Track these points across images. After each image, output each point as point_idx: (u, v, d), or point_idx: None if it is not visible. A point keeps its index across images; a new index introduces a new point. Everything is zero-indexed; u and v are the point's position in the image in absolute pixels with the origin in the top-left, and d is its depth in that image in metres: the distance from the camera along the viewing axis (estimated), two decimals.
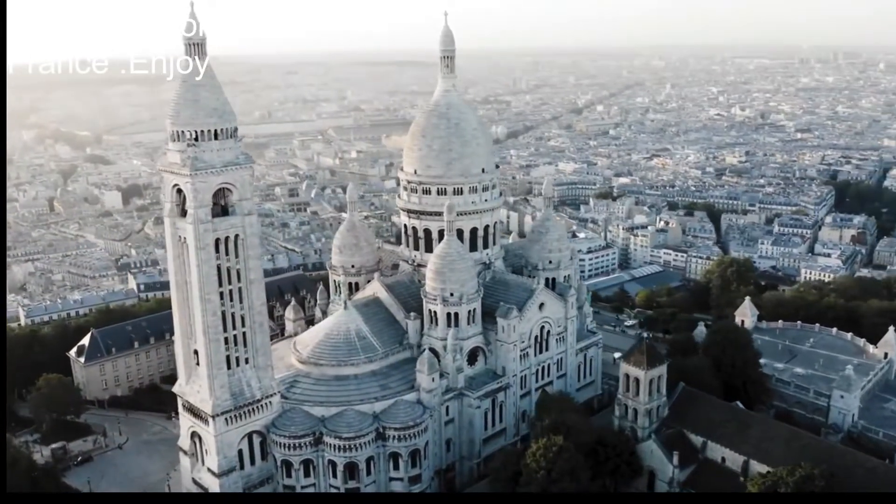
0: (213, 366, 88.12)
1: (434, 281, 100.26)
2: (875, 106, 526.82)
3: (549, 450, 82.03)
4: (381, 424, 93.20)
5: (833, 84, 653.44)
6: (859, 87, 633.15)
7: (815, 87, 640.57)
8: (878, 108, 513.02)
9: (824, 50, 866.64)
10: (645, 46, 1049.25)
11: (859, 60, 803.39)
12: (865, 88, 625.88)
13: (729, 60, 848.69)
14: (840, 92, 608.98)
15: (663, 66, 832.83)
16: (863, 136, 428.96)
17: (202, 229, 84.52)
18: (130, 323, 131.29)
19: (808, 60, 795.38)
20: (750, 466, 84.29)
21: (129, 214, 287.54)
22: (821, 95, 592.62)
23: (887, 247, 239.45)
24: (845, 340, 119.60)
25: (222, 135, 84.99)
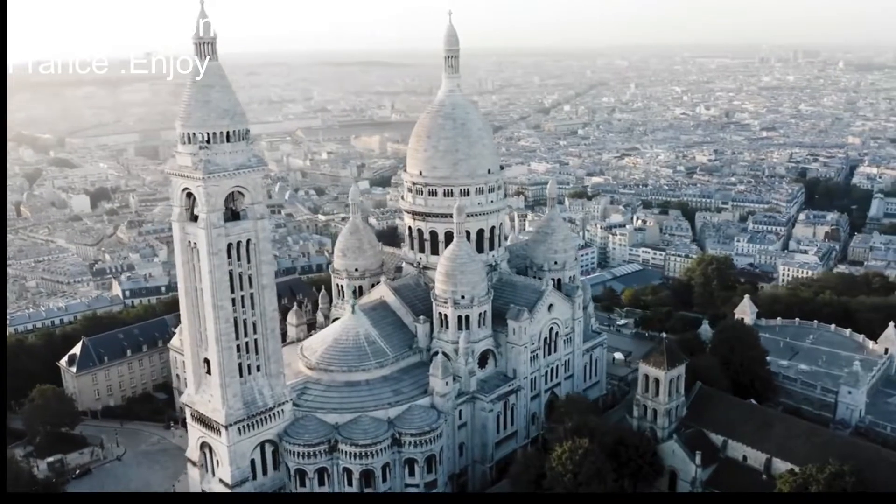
0: (225, 374, 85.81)
1: (444, 284, 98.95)
2: (837, 104, 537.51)
3: (574, 452, 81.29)
4: (396, 430, 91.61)
5: (794, 83, 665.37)
6: (820, 86, 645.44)
7: (776, 86, 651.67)
8: (840, 106, 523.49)
9: (784, 49, 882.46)
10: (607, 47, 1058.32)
11: (818, 59, 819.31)
12: (826, 87, 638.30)
13: (690, 60, 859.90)
14: (802, 90, 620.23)
15: (626, 65, 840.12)
16: (827, 133, 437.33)
17: (215, 234, 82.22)
18: (122, 330, 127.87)
19: (768, 60, 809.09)
20: (773, 464, 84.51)
21: (99, 218, 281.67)
22: (783, 94, 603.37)
23: (861, 243, 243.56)
24: (844, 337, 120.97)
25: (234, 137, 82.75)
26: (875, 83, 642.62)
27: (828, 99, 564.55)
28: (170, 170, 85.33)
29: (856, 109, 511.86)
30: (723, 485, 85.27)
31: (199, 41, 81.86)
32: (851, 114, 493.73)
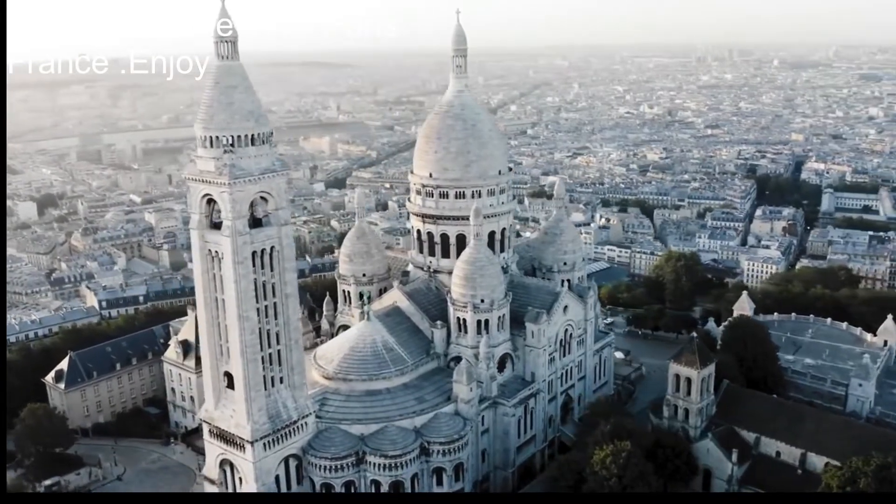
0: (250, 388, 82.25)
1: (463, 288, 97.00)
2: (776, 101, 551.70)
3: (618, 455, 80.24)
4: (424, 440, 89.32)
5: (732, 81, 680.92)
6: (757, 84, 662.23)
7: (715, 85, 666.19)
8: (780, 104, 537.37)
9: (719, 48, 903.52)
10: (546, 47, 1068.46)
11: (753, 58, 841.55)
12: (763, 85, 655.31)
13: (629, 60, 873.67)
14: (740, 89, 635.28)
15: (567, 65, 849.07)
16: (770, 130, 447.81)
17: (240, 242, 78.74)
18: (110, 344, 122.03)
19: (704, 59, 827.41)
20: (808, 459, 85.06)
21: (49, 226, 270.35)
22: (722, 92, 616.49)
23: (819, 237, 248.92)
24: (841, 330, 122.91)
25: (258, 140, 79.44)
26: (810, 80, 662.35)
27: (766, 97, 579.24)
28: (189, 175, 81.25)
29: (794, 107, 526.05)
30: (758, 481, 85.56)
31: (219, 40, 78.03)
32: (790, 111, 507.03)
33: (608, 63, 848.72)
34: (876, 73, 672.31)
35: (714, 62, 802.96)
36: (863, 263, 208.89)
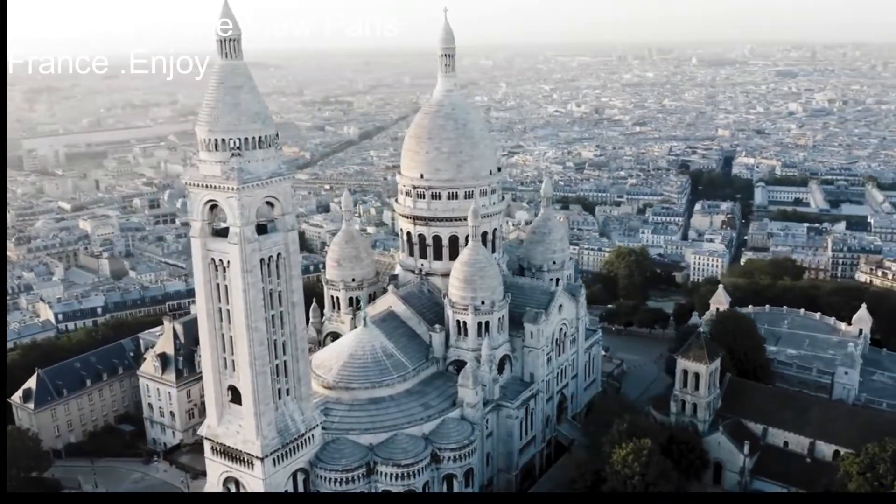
0: (259, 402, 78.76)
1: (463, 290, 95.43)
2: (698, 98, 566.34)
3: (639, 454, 79.96)
4: (435, 447, 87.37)
5: (654, 79, 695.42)
6: (678, 82, 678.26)
7: (638, 83, 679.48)
8: (702, 101, 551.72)
9: (639, 47, 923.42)
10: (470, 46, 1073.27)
11: (672, 56, 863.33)
12: (684, 82, 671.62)
13: (552, 59, 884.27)
14: (662, 86, 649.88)
15: (491, 65, 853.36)
16: (695, 127, 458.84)
17: (249, 249, 75.26)
18: (79, 359, 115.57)
19: (625, 57, 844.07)
20: (816, 447, 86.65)
21: None
22: (645, 90, 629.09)
23: (759, 230, 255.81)
24: (815, 320, 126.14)
25: (265, 142, 76.09)
26: (729, 77, 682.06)
27: (689, 94, 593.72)
28: (190, 180, 77.18)
29: (716, 103, 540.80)
30: (768, 471, 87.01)
31: (222, 39, 74.35)
32: (713, 107, 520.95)
33: (532, 62, 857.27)
34: (791, 70, 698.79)
35: (635, 61, 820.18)
36: (805, 254, 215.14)
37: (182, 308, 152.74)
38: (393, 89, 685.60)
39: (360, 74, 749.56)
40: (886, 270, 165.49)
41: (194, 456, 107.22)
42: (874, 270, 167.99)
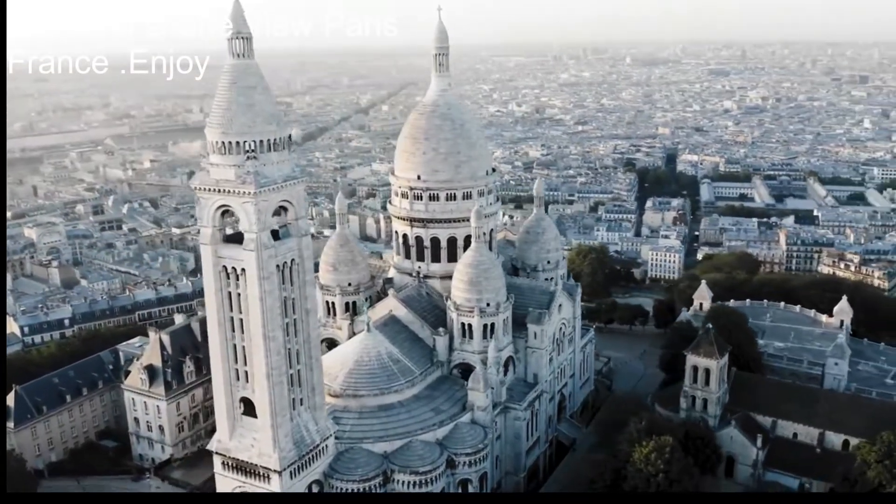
0: (276, 414, 76.21)
1: (468, 292, 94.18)
2: (635, 97, 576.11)
3: (662, 451, 79.96)
4: (450, 452, 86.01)
5: (591, 79, 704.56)
6: (614, 81, 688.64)
7: (575, 83, 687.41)
8: (639, 100, 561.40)
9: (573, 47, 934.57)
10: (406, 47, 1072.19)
11: (606, 56, 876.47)
12: (620, 82, 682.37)
13: (489, 59, 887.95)
14: (599, 86, 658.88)
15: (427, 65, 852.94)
16: (635, 125, 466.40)
17: (266, 256, 72.67)
18: (56, 374, 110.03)
19: (560, 57, 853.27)
20: (826, 438, 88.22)
21: None
22: (583, 90, 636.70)
23: (711, 226, 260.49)
24: (796, 313, 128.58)
25: (279, 145, 73.54)
26: (664, 77, 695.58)
27: (626, 93, 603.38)
28: (200, 185, 74.07)
29: (653, 102, 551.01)
30: (780, 463, 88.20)
31: (233, 37, 71.62)
32: (650, 106, 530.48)
33: (470, 62, 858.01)
34: (723, 69, 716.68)
35: (570, 61, 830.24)
36: (760, 248, 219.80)
37: (153, 317, 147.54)
38: (332, 90, 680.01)
39: (296, 75, 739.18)
40: (849, 263, 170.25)
41: (186, 470, 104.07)
42: (836, 263, 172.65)
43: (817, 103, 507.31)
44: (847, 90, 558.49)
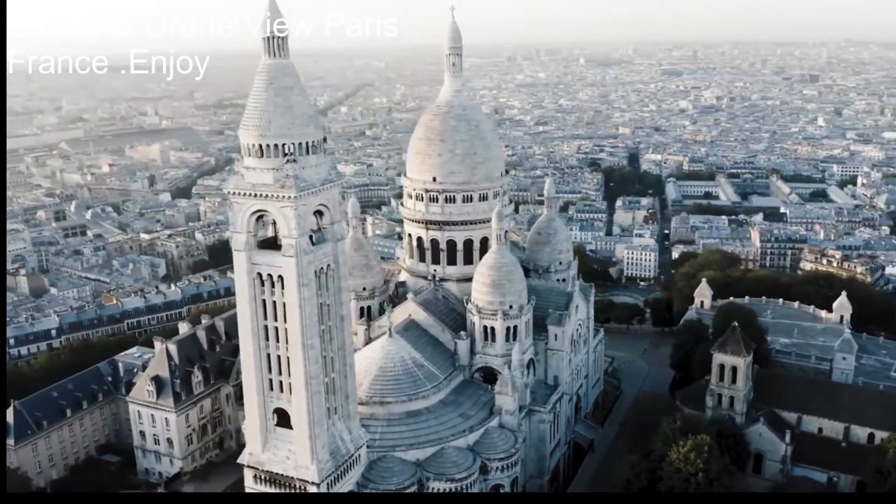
0: (314, 424, 74.02)
1: (491, 295, 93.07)
2: (592, 98, 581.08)
3: (700, 450, 79.81)
4: (483, 458, 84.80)
5: (546, 79, 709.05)
6: (570, 82, 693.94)
7: (531, 83, 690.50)
8: (596, 100, 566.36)
9: (527, 48, 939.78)
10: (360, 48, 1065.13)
11: (560, 57, 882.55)
12: (576, 82, 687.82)
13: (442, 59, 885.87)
14: (555, 86, 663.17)
15: (384, 66, 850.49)
16: (595, 125, 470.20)
17: (306, 262, 70.53)
18: (55, 388, 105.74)
19: (514, 58, 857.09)
20: (851, 432, 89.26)
21: None
22: (540, 90, 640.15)
23: (682, 223, 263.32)
24: (796, 310, 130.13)
25: (316, 147, 71.55)
26: (618, 77, 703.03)
27: (582, 94, 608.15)
28: (235, 189, 71.47)
29: (610, 102, 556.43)
30: (807, 458, 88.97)
31: (269, 36, 69.39)
32: (608, 106, 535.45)
33: (423, 63, 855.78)
34: (676, 69, 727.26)
35: (525, 61, 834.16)
36: (734, 246, 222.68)
37: (142, 326, 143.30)
38: None
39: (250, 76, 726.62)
40: (831, 259, 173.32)
41: (198, 484, 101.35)
42: (819, 259, 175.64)
43: (770, 102, 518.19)
44: (798, 89, 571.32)
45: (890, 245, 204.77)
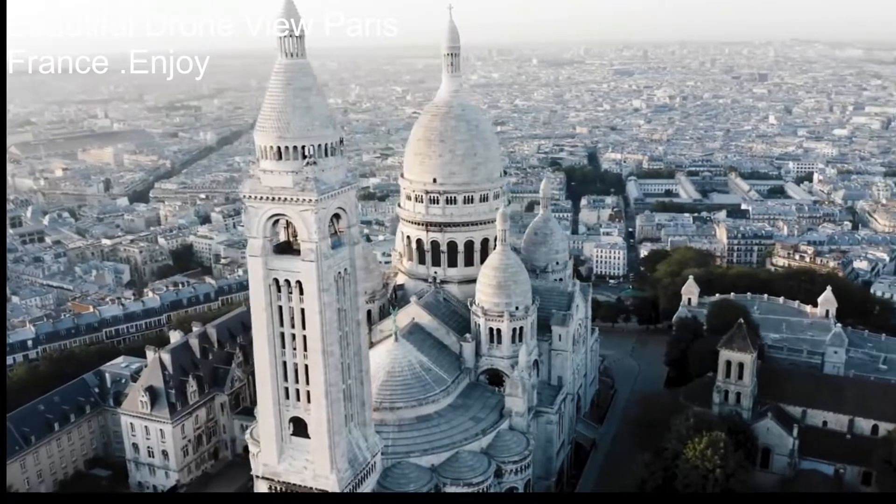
0: (333, 433, 72.32)
1: (496, 296, 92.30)
2: (547, 98, 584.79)
3: (717, 446, 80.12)
4: (497, 461, 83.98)
5: (500, 80, 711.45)
6: (524, 82, 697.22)
7: (486, 83, 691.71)
8: (551, 100, 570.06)
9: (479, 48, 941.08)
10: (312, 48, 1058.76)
11: (513, 57, 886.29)
12: (530, 82, 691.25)
13: (397, 60, 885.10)
14: (510, 87, 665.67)
15: (337, 67, 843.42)
16: (551, 125, 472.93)
17: (326, 266, 68.87)
18: (41, 401, 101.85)
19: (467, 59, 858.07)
20: (855, 424, 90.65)
21: None
22: (495, 90, 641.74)
23: (648, 221, 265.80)
24: (781, 305, 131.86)
25: (335, 149, 69.90)
26: (571, 77, 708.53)
27: (537, 93, 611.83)
28: (252, 193, 69.35)
29: (565, 102, 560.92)
30: (814, 451, 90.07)
31: (286, 35, 67.64)
32: (563, 106, 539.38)
33: (377, 64, 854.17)
34: (627, 69, 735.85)
35: (478, 62, 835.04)
36: (701, 242, 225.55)
37: (120, 335, 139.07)
38: (240, 93, 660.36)
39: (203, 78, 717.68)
40: (803, 254, 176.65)
41: None
42: (792, 255, 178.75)
43: (722, 101, 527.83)
44: (748, 88, 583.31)
45: (853, 240, 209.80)
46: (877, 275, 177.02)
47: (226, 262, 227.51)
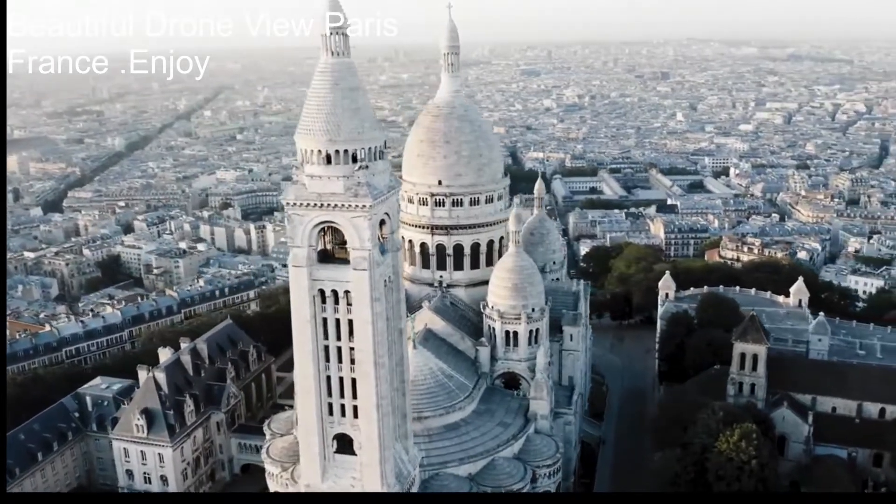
0: (383, 447, 69.40)
1: (513, 299, 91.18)
2: None
3: (749, 438, 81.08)
4: (531, 466, 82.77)
5: (410, 80, 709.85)
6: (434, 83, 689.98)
7: (395, 84, 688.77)
8: None
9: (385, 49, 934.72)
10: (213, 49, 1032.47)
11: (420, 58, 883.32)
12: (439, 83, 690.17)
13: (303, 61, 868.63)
14: (420, 87, 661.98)
15: (240, 68, 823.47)
16: None
17: (377, 274, 65.98)
18: (22, 429, 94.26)
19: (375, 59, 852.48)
20: (864, 408, 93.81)
21: None
22: (406, 91, 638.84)
23: (581, 219, 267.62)
24: (753, 296, 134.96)
25: (382, 153, 67.12)
26: (480, 77, 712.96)
27: None
28: (297, 200, 65.51)
29: (477, 102, 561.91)
30: (826, 437, 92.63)
31: (331, 32, 64.49)
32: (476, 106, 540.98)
33: (282, 65, 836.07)
34: (534, 69, 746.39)
35: (385, 62, 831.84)
36: (639, 238, 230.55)
37: (80, 354, 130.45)
38: (143, 96, 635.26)
39: (101, 82, 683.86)
40: (751, 246, 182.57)
41: None
42: (740, 247, 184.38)
43: (629, 99, 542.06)
44: (652, 86, 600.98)
45: (783, 231, 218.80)
46: (814, 264, 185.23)
47: (158, 272, 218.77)
